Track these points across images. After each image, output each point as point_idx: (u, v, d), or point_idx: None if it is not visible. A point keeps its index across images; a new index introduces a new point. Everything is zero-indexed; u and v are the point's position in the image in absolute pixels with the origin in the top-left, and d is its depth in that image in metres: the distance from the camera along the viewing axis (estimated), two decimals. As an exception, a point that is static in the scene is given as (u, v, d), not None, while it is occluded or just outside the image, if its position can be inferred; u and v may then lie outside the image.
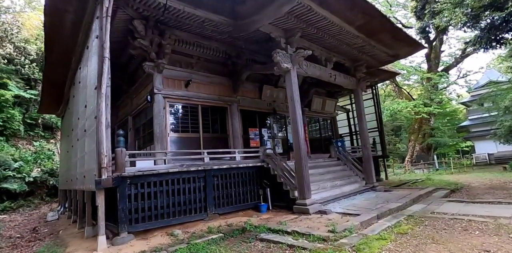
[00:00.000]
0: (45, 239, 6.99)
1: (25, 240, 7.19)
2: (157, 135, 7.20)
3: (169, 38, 7.33)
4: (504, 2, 6.28)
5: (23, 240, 7.17)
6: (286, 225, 5.53)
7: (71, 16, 6.58)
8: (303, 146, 6.82)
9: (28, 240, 7.14)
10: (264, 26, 6.69)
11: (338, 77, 8.77)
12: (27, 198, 14.50)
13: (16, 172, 14.47)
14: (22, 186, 14.05)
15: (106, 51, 5.23)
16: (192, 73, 8.20)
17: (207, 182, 6.57)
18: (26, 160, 15.63)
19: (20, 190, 13.98)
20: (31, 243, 6.80)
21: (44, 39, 7.63)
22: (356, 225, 5.10)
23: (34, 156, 16.38)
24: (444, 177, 13.59)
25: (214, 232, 5.45)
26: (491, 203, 6.29)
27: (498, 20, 6.36)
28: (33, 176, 14.79)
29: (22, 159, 15.53)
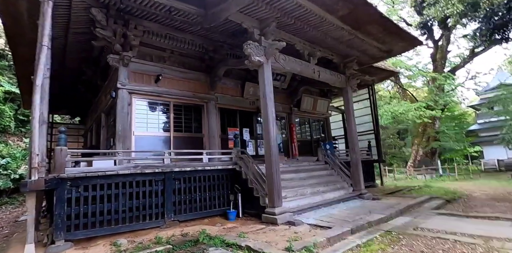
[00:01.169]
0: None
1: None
2: (119, 133, 6.64)
3: (136, 28, 6.76)
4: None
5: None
6: (244, 238, 4.86)
7: (24, 4, 6.09)
8: (274, 149, 6.13)
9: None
10: (233, 15, 6.06)
11: (324, 73, 8.06)
12: (12, 196, 14.26)
13: (2, 168, 14.26)
14: (6, 183, 13.81)
15: (44, 39, 4.70)
16: (164, 68, 7.62)
17: (166, 185, 5.96)
18: (14, 156, 15.39)
19: (5, 187, 13.75)
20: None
21: (4, 30, 7.18)
22: (321, 241, 4.39)
23: (23, 153, 16.14)
24: (445, 185, 12.63)
25: (162, 243, 4.83)
26: (487, 219, 5.48)
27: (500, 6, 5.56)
28: (19, 173, 14.54)
29: (10, 156, 15.31)
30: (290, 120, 10.80)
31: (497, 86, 18.98)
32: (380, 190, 10.78)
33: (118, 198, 5.39)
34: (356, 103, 13.04)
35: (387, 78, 14.55)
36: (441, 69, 18.76)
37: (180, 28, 7.29)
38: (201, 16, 6.62)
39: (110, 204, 5.29)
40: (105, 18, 6.23)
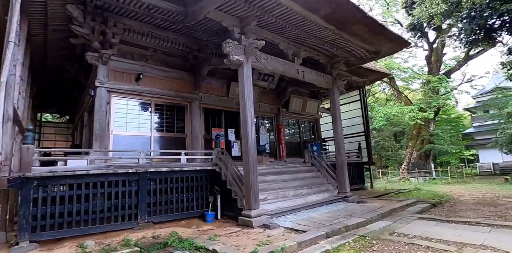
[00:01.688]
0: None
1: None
2: (96, 132, 6.53)
3: (115, 26, 6.64)
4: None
5: None
6: (215, 241, 4.72)
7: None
8: (252, 150, 6.00)
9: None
10: (212, 13, 5.95)
11: (309, 74, 7.94)
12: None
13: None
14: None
15: (11, 35, 4.55)
16: (146, 66, 7.50)
17: (141, 186, 5.82)
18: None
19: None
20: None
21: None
22: (291, 246, 4.26)
23: None
24: (435, 188, 12.48)
25: (130, 245, 4.69)
26: (468, 224, 5.33)
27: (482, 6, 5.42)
28: None
29: None
30: (278, 121, 10.67)
31: (493, 89, 18.84)
32: (369, 193, 10.63)
33: (88, 199, 5.26)
34: (347, 104, 12.97)
35: (379, 79, 14.42)
36: (436, 72, 18.61)
37: (163, 27, 7.17)
38: (182, 14, 6.51)
39: (80, 204, 5.16)
40: (82, 15, 6.11)
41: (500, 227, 4.91)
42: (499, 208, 6.98)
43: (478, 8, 5.59)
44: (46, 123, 13.04)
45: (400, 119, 17.64)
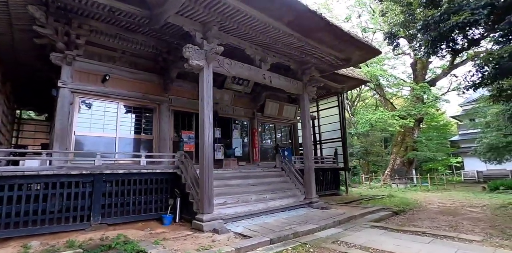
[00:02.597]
0: None
1: None
2: (57, 133, 6.54)
3: (80, 28, 6.68)
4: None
5: None
6: (158, 244, 4.75)
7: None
8: (208, 154, 6.03)
9: None
10: (172, 17, 6.00)
11: (276, 79, 8.00)
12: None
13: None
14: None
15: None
16: (113, 68, 7.54)
17: (95, 188, 5.84)
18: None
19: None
20: None
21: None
22: (228, 251, 4.29)
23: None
24: (411, 195, 12.53)
25: (74, 247, 4.70)
26: (414, 233, 5.36)
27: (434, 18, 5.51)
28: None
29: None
30: (253, 124, 10.72)
31: (477, 98, 18.99)
32: (341, 198, 10.67)
33: (38, 199, 5.27)
34: (326, 110, 13.04)
35: (358, 86, 14.52)
36: (421, 79, 18.75)
37: (131, 29, 7.21)
38: (147, 18, 6.55)
39: (29, 205, 5.17)
40: (45, 16, 6.14)
41: (442, 238, 4.95)
42: (457, 217, 7.04)
43: (431, 20, 5.68)
44: (26, 121, 13.02)
45: (382, 125, 17.71)
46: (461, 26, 5.06)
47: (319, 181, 11.15)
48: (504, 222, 6.28)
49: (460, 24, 5.02)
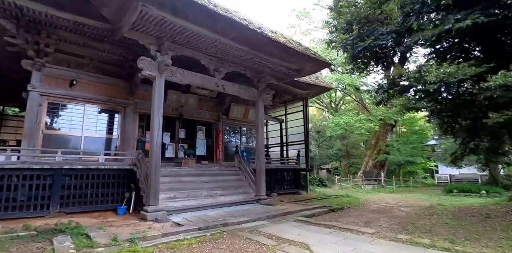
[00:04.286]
0: None
1: None
2: (26, 131, 7.37)
3: (49, 37, 7.49)
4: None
5: None
6: (101, 229, 5.57)
7: None
8: (156, 153, 6.86)
9: None
10: (128, 32, 6.80)
11: (230, 87, 8.83)
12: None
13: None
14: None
15: None
16: (81, 73, 8.35)
17: (55, 181, 6.67)
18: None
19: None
20: None
21: None
22: (154, 235, 5.15)
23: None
24: (368, 196, 13.44)
25: (29, 230, 5.52)
26: (325, 226, 6.15)
27: (347, 42, 6.31)
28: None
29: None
30: (218, 127, 11.56)
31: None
32: (298, 197, 11.52)
33: (3, 189, 6.09)
34: (293, 114, 13.89)
35: (322, 92, 15.36)
36: (395, 86, 19.55)
37: (97, 38, 7.99)
38: (109, 30, 7.36)
39: (-6, 194, 5.99)
40: (15, 28, 6.93)
41: (344, 230, 5.80)
42: (381, 215, 7.91)
43: (345, 43, 6.48)
44: (9, 116, 13.79)
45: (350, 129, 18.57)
46: (369, 48, 5.87)
47: (281, 180, 12.02)
48: (415, 220, 7.14)
49: (367, 47, 5.84)
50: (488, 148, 6.48)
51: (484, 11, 4.60)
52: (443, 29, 4.77)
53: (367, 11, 6.28)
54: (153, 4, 5.97)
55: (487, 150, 6.56)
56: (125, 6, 6.10)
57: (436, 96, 5.28)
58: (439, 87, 4.85)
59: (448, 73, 4.67)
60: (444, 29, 4.75)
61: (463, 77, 4.56)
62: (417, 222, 6.79)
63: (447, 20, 4.77)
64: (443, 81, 4.68)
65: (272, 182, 11.30)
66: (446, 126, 7.00)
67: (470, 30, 4.94)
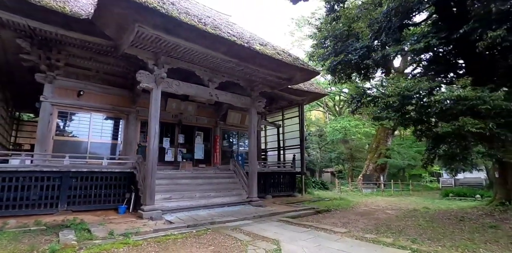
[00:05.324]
0: None
1: None
2: (38, 137, 8.23)
3: (60, 53, 8.37)
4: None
5: None
6: (101, 226, 6.26)
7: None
8: (152, 158, 7.56)
9: None
10: (128, 49, 7.55)
11: (223, 96, 9.49)
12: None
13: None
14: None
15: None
16: (88, 84, 9.19)
17: (63, 182, 7.46)
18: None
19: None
20: None
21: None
22: (146, 231, 5.84)
23: None
24: (361, 199, 13.81)
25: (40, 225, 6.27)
26: (303, 226, 6.67)
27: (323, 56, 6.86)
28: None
29: None
30: (215, 132, 12.24)
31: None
32: (292, 199, 12.03)
33: (18, 189, 6.91)
34: (289, 119, 14.45)
35: (317, 98, 15.85)
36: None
37: (102, 53, 8.83)
38: (112, 47, 8.18)
39: (11, 193, 6.81)
40: (30, 45, 7.82)
41: (319, 230, 6.32)
42: (364, 217, 8.37)
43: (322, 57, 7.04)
44: (25, 122, 14.90)
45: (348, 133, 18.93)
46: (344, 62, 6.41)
47: (276, 183, 12.56)
48: (393, 221, 7.58)
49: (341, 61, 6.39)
50: (447, 155, 6.89)
51: (436, 34, 5.08)
52: (400, 48, 5.27)
53: (341, 29, 6.83)
54: (148, 25, 6.71)
55: (446, 156, 6.96)
56: (124, 27, 6.88)
57: (398, 107, 5.75)
58: (398, 100, 5.33)
59: (404, 87, 5.16)
60: (401, 48, 5.25)
61: (418, 90, 5.02)
62: (393, 224, 7.24)
63: (404, 40, 5.28)
64: (400, 95, 5.16)
65: (267, 185, 11.87)
66: (418, 133, 7.42)
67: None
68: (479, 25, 5.29)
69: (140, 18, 6.51)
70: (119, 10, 6.38)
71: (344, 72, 6.86)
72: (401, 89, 5.15)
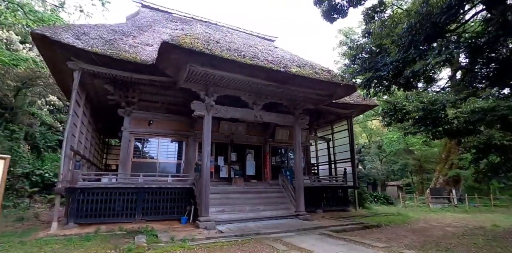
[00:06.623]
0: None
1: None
2: (121, 160, 10.27)
3: (134, 91, 10.47)
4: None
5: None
6: (166, 232, 7.58)
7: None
8: (205, 175, 8.76)
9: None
10: (184, 84, 9.12)
11: (267, 116, 10.37)
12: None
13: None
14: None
15: (70, 110, 8.52)
16: (156, 114, 11.13)
17: (138, 196, 9.14)
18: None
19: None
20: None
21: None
22: (200, 238, 6.88)
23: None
24: (425, 215, 12.77)
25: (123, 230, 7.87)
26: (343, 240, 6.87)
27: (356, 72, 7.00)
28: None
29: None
30: (265, 149, 13.10)
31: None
32: (345, 214, 11.93)
33: (106, 201, 8.78)
34: (339, 132, 14.52)
35: (367, 110, 15.38)
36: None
37: (166, 88, 10.69)
38: (172, 82, 9.90)
39: (102, 204, 8.70)
40: (113, 88, 10.05)
41: (357, 244, 6.46)
42: (415, 233, 8.01)
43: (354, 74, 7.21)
44: (112, 146, 18.15)
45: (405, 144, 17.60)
46: (373, 79, 6.61)
47: (327, 197, 12.65)
48: (445, 239, 7.13)
49: (370, 78, 6.61)
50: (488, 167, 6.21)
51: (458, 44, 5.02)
52: (425, 63, 5.34)
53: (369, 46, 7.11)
54: (197, 64, 8.12)
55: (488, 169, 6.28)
56: (179, 67, 8.43)
57: (426, 121, 5.63)
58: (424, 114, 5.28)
59: (428, 102, 5.12)
60: (425, 63, 5.31)
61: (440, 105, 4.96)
62: (444, 241, 6.88)
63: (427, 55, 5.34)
64: (424, 109, 5.14)
65: (317, 199, 12.07)
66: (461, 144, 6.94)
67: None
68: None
69: (190, 59, 7.97)
70: (174, 55, 7.94)
71: (380, 86, 6.98)
72: (424, 104, 5.16)
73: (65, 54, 8.40)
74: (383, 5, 7.96)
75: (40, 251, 5.78)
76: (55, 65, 9.27)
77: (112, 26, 10.36)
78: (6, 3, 12.35)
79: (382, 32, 6.62)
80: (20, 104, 15.01)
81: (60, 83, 10.83)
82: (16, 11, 12.15)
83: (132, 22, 12.08)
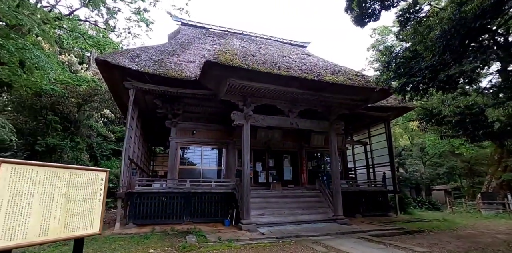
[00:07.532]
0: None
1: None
2: (170, 167, 11.34)
3: (179, 104, 11.53)
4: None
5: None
6: (213, 233, 8.29)
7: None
8: (246, 180, 9.37)
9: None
10: (224, 96, 9.89)
11: (303, 123, 10.75)
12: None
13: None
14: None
15: (127, 123, 9.71)
16: (198, 124, 12.10)
17: (186, 200, 10.05)
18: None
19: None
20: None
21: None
22: (244, 239, 7.47)
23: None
24: (475, 221, 12.08)
25: (173, 231, 8.80)
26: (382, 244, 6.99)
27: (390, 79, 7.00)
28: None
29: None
30: (301, 154, 13.43)
31: None
32: (385, 219, 11.78)
33: (159, 204, 9.80)
34: (376, 136, 14.38)
35: (404, 113, 14.87)
36: None
37: (207, 99, 11.61)
38: (213, 95, 10.77)
39: (155, 207, 9.73)
40: (161, 102, 11.19)
41: (397, 248, 6.58)
42: (460, 240, 7.80)
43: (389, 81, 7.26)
44: (157, 153, 19.71)
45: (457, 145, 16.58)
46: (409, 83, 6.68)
47: (365, 202, 12.57)
48: (493, 246, 6.89)
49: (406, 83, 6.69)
50: None
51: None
52: (460, 69, 5.37)
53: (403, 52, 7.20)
54: (236, 78, 8.85)
55: None
56: (220, 82, 9.23)
57: (465, 125, 5.55)
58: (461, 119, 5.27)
59: (465, 106, 5.11)
60: (460, 69, 5.35)
61: (478, 109, 4.94)
62: (492, 248, 6.70)
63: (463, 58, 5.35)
64: (461, 114, 5.14)
65: (356, 203, 12.08)
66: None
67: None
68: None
69: (230, 74, 8.72)
70: (216, 72, 8.75)
71: (416, 91, 6.99)
72: (461, 109, 5.17)
73: (122, 75, 9.65)
74: (417, 5, 8.00)
75: (111, 246, 6.77)
76: (113, 84, 10.62)
77: (159, 46, 11.58)
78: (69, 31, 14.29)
79: (416, 40, 6.74)
80: (82, 118, 17.08)
81: (116, 98, 12.28)
82: (78, 38, 13.99)
83: (175, 41, 13.30)
